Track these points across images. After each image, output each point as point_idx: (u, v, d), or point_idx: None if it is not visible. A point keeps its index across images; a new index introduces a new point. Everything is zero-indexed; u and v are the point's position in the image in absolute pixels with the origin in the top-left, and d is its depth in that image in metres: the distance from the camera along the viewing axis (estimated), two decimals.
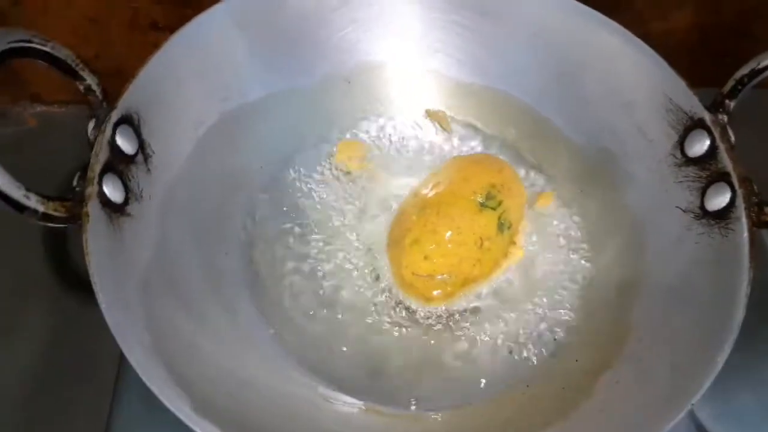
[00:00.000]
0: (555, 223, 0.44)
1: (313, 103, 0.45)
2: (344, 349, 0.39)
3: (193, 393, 0.30)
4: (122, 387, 0.39)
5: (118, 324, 0.29)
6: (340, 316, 0.40)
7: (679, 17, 0.53)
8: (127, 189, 0.35)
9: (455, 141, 0.47)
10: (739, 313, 0.33)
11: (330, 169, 0.45)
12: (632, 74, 0.41)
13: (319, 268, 0.41)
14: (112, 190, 0.33)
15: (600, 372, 0.36)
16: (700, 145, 0.38)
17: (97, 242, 0.31)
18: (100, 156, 0.33)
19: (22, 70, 0.55)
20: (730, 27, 0.55)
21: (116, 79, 0.36)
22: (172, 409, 0.28)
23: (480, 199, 0.39)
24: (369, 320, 0.40)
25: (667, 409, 0.31)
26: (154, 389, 0.28)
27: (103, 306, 0.29)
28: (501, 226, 0.40)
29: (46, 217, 0.31)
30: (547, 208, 0.44)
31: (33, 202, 0.30)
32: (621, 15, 0.42)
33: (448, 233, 0.39)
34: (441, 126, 0.47)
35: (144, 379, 0.28)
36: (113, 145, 0.34)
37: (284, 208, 0.43)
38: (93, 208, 0.32)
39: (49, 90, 0.57)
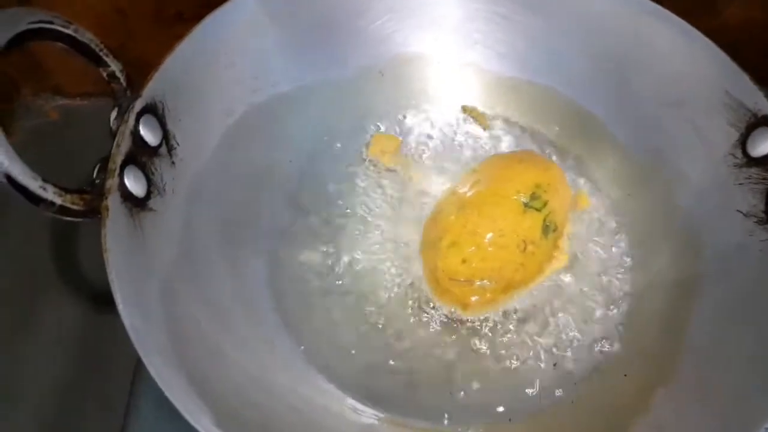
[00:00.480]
0: (601, 227, 0.41)
1: (346, 96, 0.43)
2: (374, 358, 0.36)
3: (215, 404, 0.28)
4: (139, 389, 0.37)
5: (136, 328, 0.27)
6: (369, 323, 0.37)
7: (738, 9, 0.50)
8: (149, 182, 0.33)
9: (494, 138, 0.44)
10: None
11: (362, 165, 0.43)
12: (686, 67, 0.39)
13: (348, 270, 0.39)
14: (134, 184, 0.32)
15: (652, 389, 0.33)
16: (764, 145, 0.35)
17: (116, 238, 0.29)
18: (122, 146, 0.31)
19: (44, 60, 0.54)
20: None
21: (141, 71, 0.34)
22: (193, 423, 0.26)
23: (524, 199, 0.37)
24: (400, 327, 0.37)
25: None
26: (174, 401, 0.26)
27: (120, 307, 0.27)
28: (546, 229, 0.37)
29: (63, 210, 0.29)
30: (589, 210, 0.41)
31: (50, 193, 0.28)
32: (674, 4, 0.39)
33: (489, 235, 0.36)
34: (478, 122, 0.44)
35: (163, 388, 0.26)
36: (136, 136, 0.32)
37: (314, 205, 0.41)
38: (113, 201, 0.30)
39: (72, 82, 0.56)
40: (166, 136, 0.34)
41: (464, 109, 0.45)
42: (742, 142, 0.36)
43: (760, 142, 0.35)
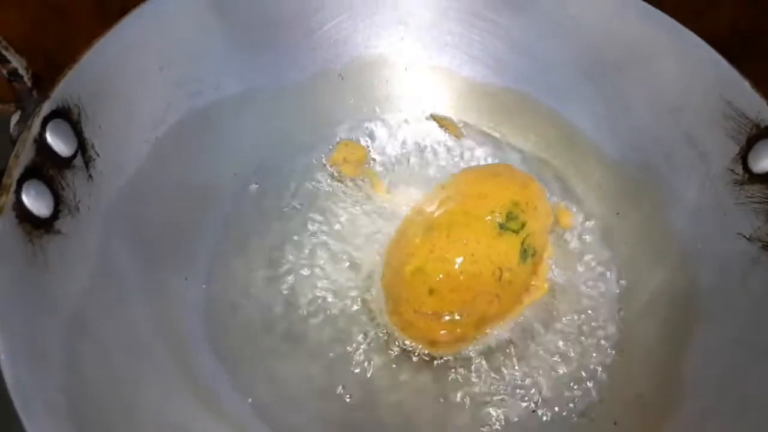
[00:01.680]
0: (585, 252, 0.37)
1: (301, 102, 0.39)
2: (326, 408, 0.31)
3: None
4: None
5: (20, 383, 0.22)
6: (322, 362, 0.32)
7: (735, 10, 0.46)
8: (57, 199, 0.28)
9: (467, 150, 0.40)
10: None
11: (317, 180, 0.38)
12: (681, 73, 0.35)
13: (297, 300, 0.34)
14: (35, 201, 0.27)
15: None
16: None
17: (6, 267, 0.24)
18: (21, 157, 0.26)
19: None
20: None
21: None
22: None
23: (500, 220, 0.32)
24: (357, 369, 0.32)
25: None
26: None
27: (2, 357, 0.22)
28: (524, 254, 0.32)
29: None
30: (572, 232, 0.37)
31: None
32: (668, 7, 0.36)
33: (460, 261, 0.31)
34: (449, 132, 0.40)
35: None
36: (42, 144, 0.28)
37: (258, 225, 0.36)
38: (4, 223, 0.25)
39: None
40: (82, 146, 0.30)
41: (434, 118, 0.41)
42: (743, 156, 0.33)
43: (763, 156, 0.32)
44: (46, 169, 0.28)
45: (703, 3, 0.46)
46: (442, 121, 0.40)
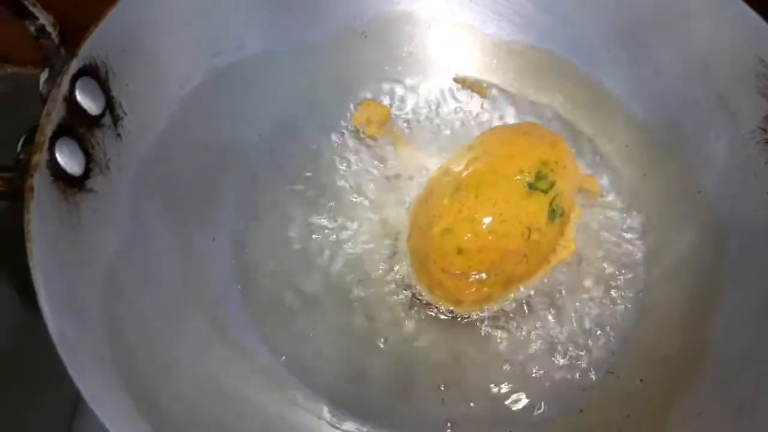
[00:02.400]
0: (613, 211, 0.37)
1: (323, 61, 0.38)
2: (356, 364, 0.32)
3: (166, 423, 0.23)
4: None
5: (65, 336, 0.22)
6: (350, 320, 0.33)
7: None
8: (88, 158, 0.28)
9: (493, 109, 0.39)
10: None
11: (342, 140, 0.38)
12: (712, 31, 0.35)
13: (325, 260, 0.34)
14: (68, 159, 0.27)
15: (673, 398, 0.29)
16: None
17: (43, 225, 0.24)
18: (53, 115, 0.26)
19: None
20: None
21: None
22: None
23: (528, 180, 0.32)
24: (386, 325, 0.33)
25: None
26: (111, 426, 0.21)
27: (45, 310, 0.22)
28: (552, 214, 0.32)
29: None
30: (599, 194, 0.37)
31: None
32: None
33: (488, 221, 0.31)
34: (475, 91, 0.39)
35: (99, 413, 0.21)
36: (72, 102, 0.28)
37: (283, 185, 0.36)
38: (40, 180, 0.25)
39: (21, 50, 0.50)
40: (110, 104, 0.30)
41: (456, 80, 0.40)
42: None
43: None
44: (77, 127, 0.28)
45: None
46: (465, 83, 0.40)
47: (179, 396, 0.26)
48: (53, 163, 0.26)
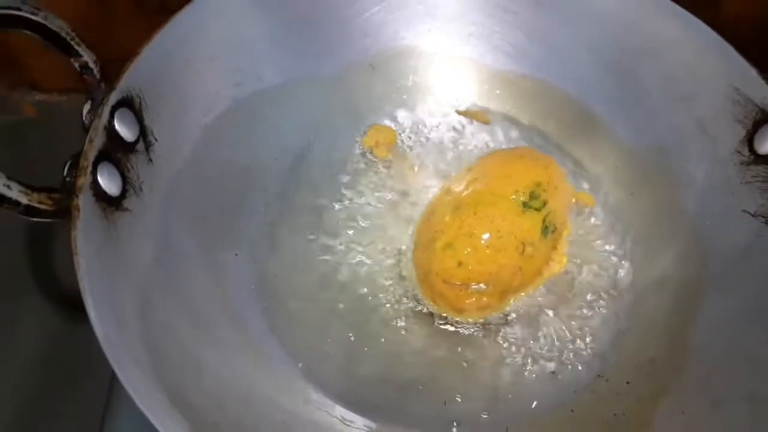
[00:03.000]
0: (601, 229, 0.39)
1: (335, 90, 0.41)
2: (365, 367, 0.34)
3: (194, 417, 0.26)
4: (115, 402, 0.35)
5: (110, 339, 0.25)
6: (360, 328, 0.35)
7: (739, 3, 0.48)
8: (125, 180, 0.31)
9: (491, 134, 0.42)
10: None
11: (352, 163, 0.41)
12: (693, 62, 0.37)
13: (338, 273, 0.37)
14: (108, 182, 0.30)
15: (658, 398, 0.32)
16: None
17: (88, 241, 0.27)
18: (95, 142, 0.29)
19: (20, 55, 0.52)
20: None
21: (120, 65, 0.32)
22: None
23: (523, 199, 0.35)
24: (394, 333, 0.35)
25: None
26: (153, 418, 0.24)
27: (93, 316, 0.25)
28: (545, 230, 0.35)
29: (29, 210, 0.27)
30: (589, 211, 0.40)
31: (14, 192, 0.26)
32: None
33: (486, 236, 0.34)
34: (479, 120, 0.42)
35: (140, 405, 0.24)
36: (111, 131, 0.30)
37: (300, 205, 0.39)
38: (84, 201, 0.28)
39: (48, 77, 0.53)
40: (143, 132, 0.32)
41: (459, 113, 0.43)
42: (749, 139, 0.35)
43: (767, 138, 0.34)
44: (115, 153, 0.30)
45: None
46: (467, 114, 0.43)
47: (207, 394, 0.28)
48: (95, 185, 0.29)
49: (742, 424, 0.28)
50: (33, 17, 0.29)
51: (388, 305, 0.36)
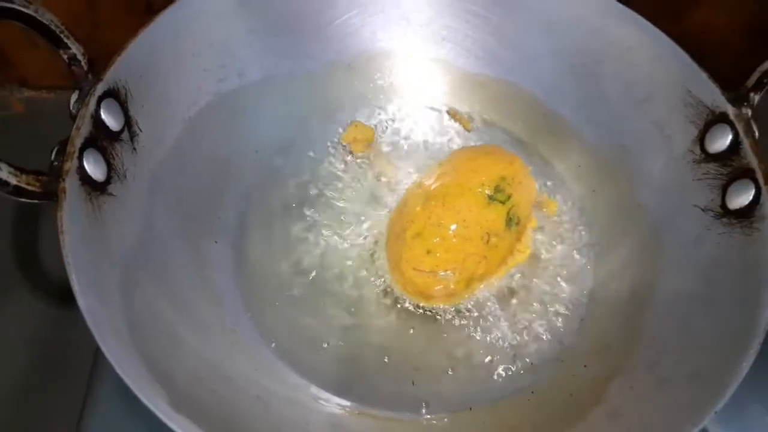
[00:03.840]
0: (563, 221, 0.41)
1: (315, 87, 0.43)
2: (338, 345, 0.36)
3: (171, 388, 0.28)
4: (97, 381, 0.36)
5: (92, 310, 0.27)
6: (332, 311, 0.37)
7: (703, 13, 0.51)
8: (110, 167, 0.32)
9: (461, 132, 0.44)
10: (765, 316, 0.30)
11: (330, 157, 0.43)
12: (650, 66, 0.40)
13: (312, 260, 0.39)
14: (93, 167, 0.31)
15: (610, 378, 0.34)
16: (721, 141, 0.36)
17: (73, 221, 0.29)
18: (81, 129, 0.31)
19: (8, 52, 0.53)
20: (745, 30, 0.53)
21: (107, 62, 0.34)
22: (148, 404, 0.25)
23: (488, 192, 0.37)
24: (364, 316, 0.37)
25: (687, 417, 0.28)
26: (129, 382, 0.25)
27: (76, 289, 0.27)
28: (509, 222, 0.37)
29: (18, 191, 0.28)
30: (551, 215, 0.42)
31: (4, 173, 0.28)
32: (642, 8, 0.40)
33: (454, 226, 0.36)
34: (461, 124, 0.45)
35: (118, 370, 0.26)
36: (97, 120, 0.32)
37: (278, 195, 0.41)
38: (71, 184, 0.29)
39: (37, 74, 0.55)
40: (128, 122, 0.34)
41: (449, 112, 0.45)
42: (701, 139, 0.37)
43: (717, 138, 0.36)
44: (101, 140, 0.32)
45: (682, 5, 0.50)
46: (455, 115, 0.45)
47: (185, 368, 0.30)
48: (81, 170, 0.30)
49: (683, 399, 0.30)
50: (24, 10, 0.30)
51: (361, 291, 0.38)
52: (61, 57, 0.33)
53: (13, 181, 0.28)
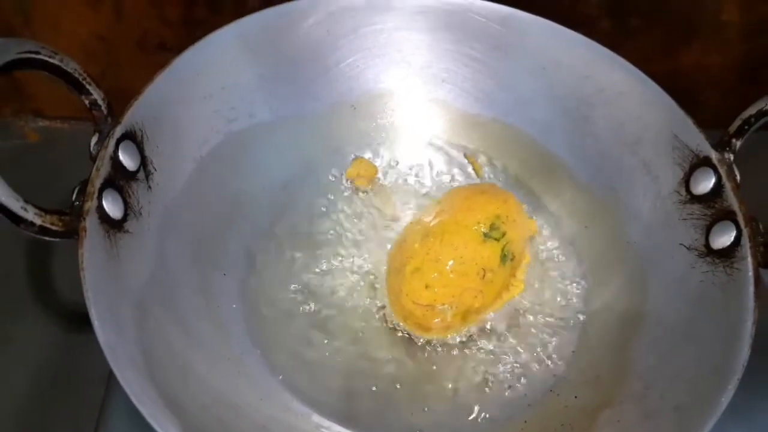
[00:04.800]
0: (556, 257, 0.43)
1: (320, 128, 0.45)
2: (339, 376, 0.38)
3: (183, 416, 0.29)
4: (109, 406, 0.38)
5: (110, 343, 0.28)
6: (336, 343, 0.39)
7: (695, 53, 0.53)
8: (126, 205, 0.34)
9: (458, 171, 0.46)
10: (744, 353, 0.32)
11: (334, 194, 0.45)
12: (639, 111, 0.42)
13: (316, 293, 0.40)
14: (112, 206, 0.33)
15: (599, 410, 0.35)
16: (705, 183, 0.38)
17: (92, 258, 0.31)
18: (101, 170, 0.33)
19: (24, 84, 0.55)
20: (736, 69, 0.55)
21: (121, 98, 0.36)
22: None
23: (484, 230, 0.39)
24: (366, 348, 0.39)
25: None
26: (145, 412, 0.27)
27: (95, 323, 0.29)
28: (504, 258, 0.39)
29: (43, 230, 0.30)
30: (546, 241, 0.44)
31: (30, 214, 0.29)
32: (628, 53, 0.42)
33: (451, 262, 0.38)
34: (474, 169, 0.47)
35: (135, 401, 0.27)
36: (115, 161, 0.34)
37: (285, 232, 0.43)
38: (91, 223, 0.31)
39: (52, 105, 0.57)
40: (144, 162, 0.36)
41: (466, 155, 0.47)
42: (686, 181, 0.39)
43: (700, 181, 0.38)
44: (118, 180, 0.34)
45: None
46: (471, 159, 0.47)
47: (194, 396, 0.32)
48: (100, 209, 0.32)
49: (667, 429, 0.32)
50: (51, 60, 0.32)
51: (362, 323, 0.40)
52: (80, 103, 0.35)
53: (38, 221, 0.30)
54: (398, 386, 0.38)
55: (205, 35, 0.40)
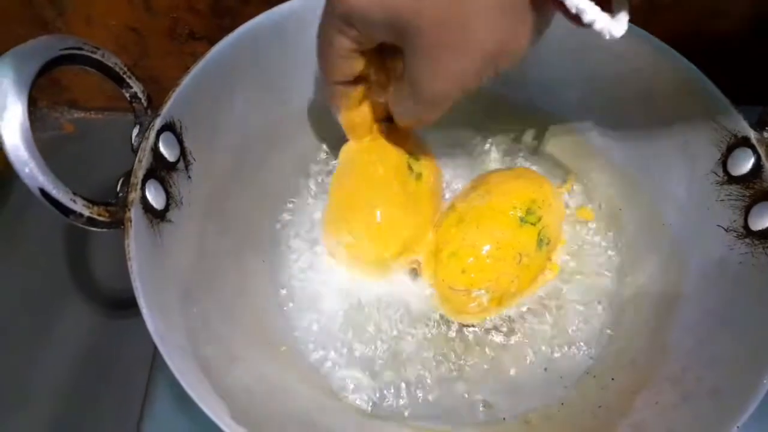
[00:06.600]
0: (592, 240, 0.43)
1: None
2: (381, 360, 0.39)
3: (231, 401, 0.30)
4: (154, 389, 0.39)
5: (159, 331, 0.29)
6: (373, 328, 0.39)
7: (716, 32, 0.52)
8: (168, 195, 0.35)
9: (493, 155, 0.46)
10: None
11: None
12: (674, 91, 0.41)
13: (356, 276, 0.41)
14: (154, 196, 0.34)
15: (637, 392, 0.36)
16: (744, 163, 0.37)
17: (139, 248, 0.31)
18: (143, 162, 0.34)
19: (60, 75, 0.56)
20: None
21: (152, 87, 0.37)
22: (213, 417, 0.28)
23: (520, 214, 0.39)
24: (409, 328, 0.40)
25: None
26: (195, 397, 0.28)
27: (144, 312, 0.29)
28: (540, 242, 0.39)
29: (90, 221, 0.31)
30: (585, 224, 0.44)
31: (79, 206, 0.30)
32: (656, 29, 0.42)
33: (487, 247, 0.38)
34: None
35: (185, 386, 0.28)
36: (156, 152, 0.35)
37: (319, 216, 0.43)
38: (136, 213, 0.32)
39: (86, 96, 0.58)
40: (183, 153, 0.37)
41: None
42: (724, 162, 0.39)
43: (739, 161, 0.38)
44: (160, 171, 0.35)
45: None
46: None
47: (240, 383, 0.33)
48: (144, 200, 0.33)
49: (706, 415, 0.32)
50: (93, 55, 0.33)
51: (403, 305, 0.40)
52: (115, 89, 0.36)
53: (86, 213, 0.31)
54: (434, 369, 0.38)
55: (233, 24, 0.40)
